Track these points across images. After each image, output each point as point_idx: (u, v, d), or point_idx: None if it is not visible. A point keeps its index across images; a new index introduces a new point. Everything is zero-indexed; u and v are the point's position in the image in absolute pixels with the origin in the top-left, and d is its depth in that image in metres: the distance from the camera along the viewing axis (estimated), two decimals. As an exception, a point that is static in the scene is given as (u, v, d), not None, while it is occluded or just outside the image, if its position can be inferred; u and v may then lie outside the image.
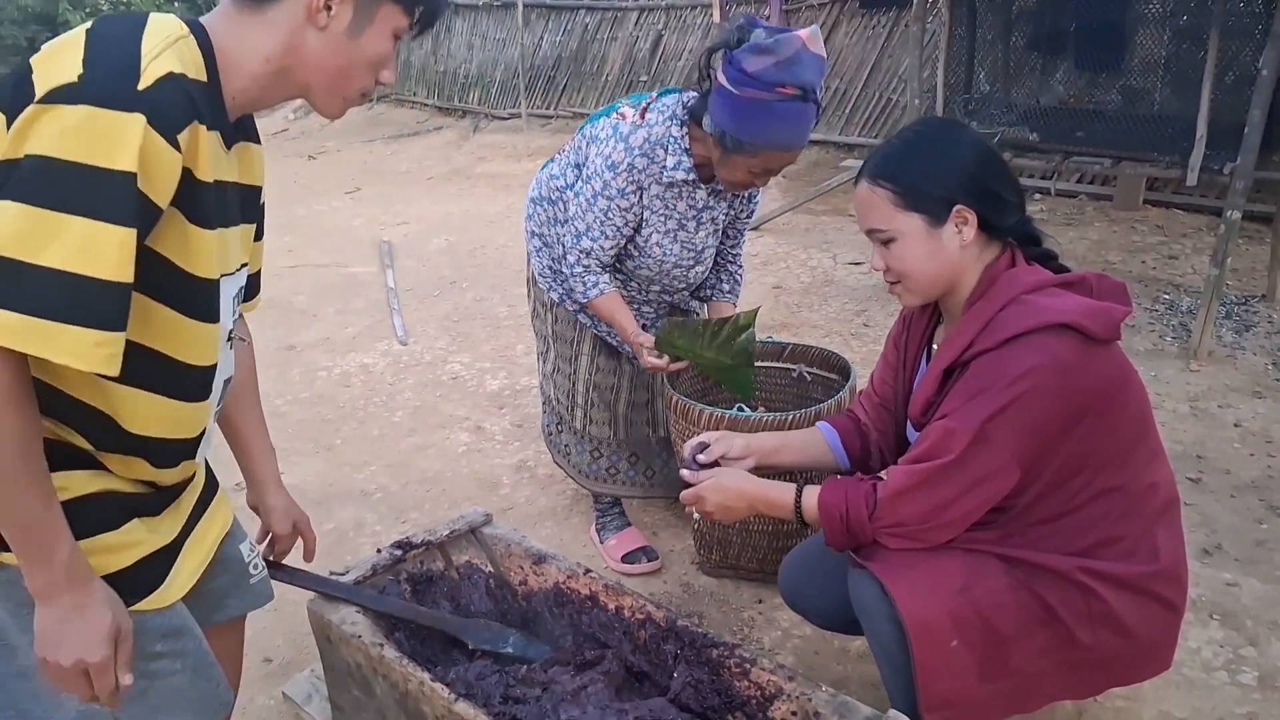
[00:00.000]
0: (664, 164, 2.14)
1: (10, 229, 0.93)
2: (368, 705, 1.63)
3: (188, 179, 1.04)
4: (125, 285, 0.99)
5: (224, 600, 1.42)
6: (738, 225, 2.43)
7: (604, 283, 2.26)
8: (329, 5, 1.11)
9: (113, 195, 0.95)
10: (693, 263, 2.33)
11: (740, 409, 2.43)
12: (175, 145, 1.00)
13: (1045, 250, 1.56)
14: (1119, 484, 1.48)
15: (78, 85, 0.95)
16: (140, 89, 0.97)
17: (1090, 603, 1.46)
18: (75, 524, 1.07)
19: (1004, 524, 1.50)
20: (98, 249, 0.95)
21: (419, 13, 1.18)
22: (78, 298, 0.95)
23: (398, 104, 12.08)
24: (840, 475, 1.75)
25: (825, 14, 7.55)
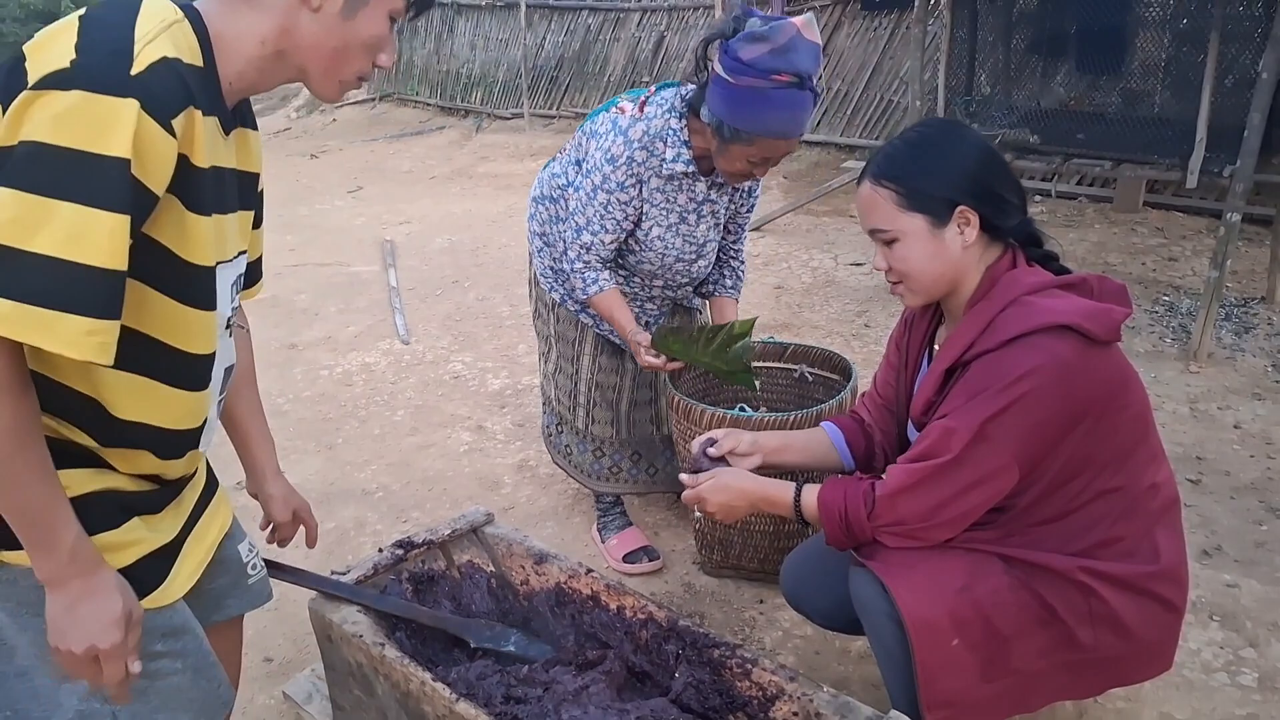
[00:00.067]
0: (663, 156, 2.14)
1: (1, 215, 0.92)
2: (369, 705, 1.63)
3: (184, 165, 1.03)
4: (118, 273, 0.97)
5: (222, 600, 1.41)
6: (739, 220, 2.42)
7: (604, 279, 2.26)
8: None
9: (105, 181, 0.94)
10: (694, 256, 2.33)
11: (742, 409, 2.44)
12: (170, 131, 0.99)
13: (1047, 252, 1.57)
14: (1119, 485, 1.48)
15: (70, 71, 0.94)
16: (133, 74, 0.96)
17: (1091, 603, 1.47)
18: None
19: (1004, 524, 1.51)
20: (88, 235, 0.94)
21: None
22: (68, 285, 0.94)
23: (400, 103, 12.09)
24: (843, 475, 1.76)
25: (827, 15, 7.57)
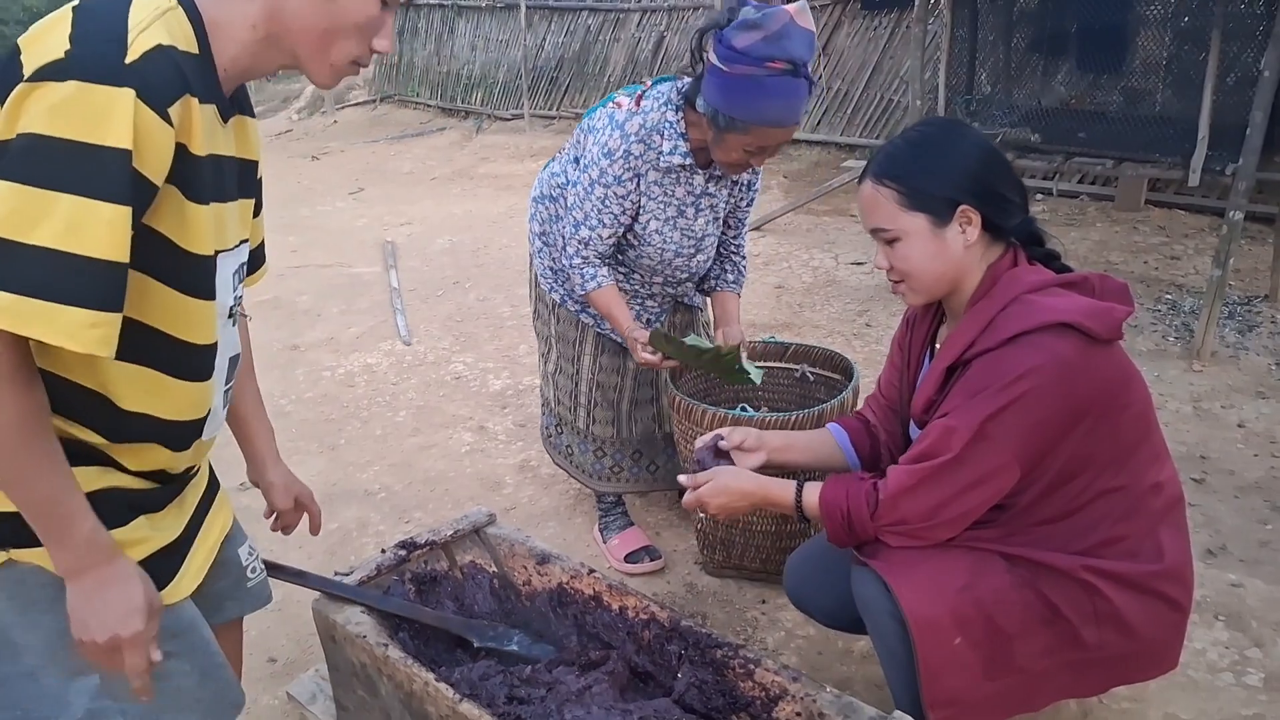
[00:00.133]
0: (660, 149, 2.14)
1: (1, 209, 0.92)
2: (372, 705, 1.63)
3: (182, 154, 1.02)
4: (119, 264, 0.96)
5: (222, 603, 1.41)
6: (739, 214, 2.42)
7: (602, 276, 2.26)
8: None
9: (103, 172, 0.94)
10: (694, 251, 2.33)
11: (743, 409, 2.44)
12: (167, 119, 0.98)
13: (1048, 250, 1.57)
14: (1122, 484, 1.48)
15: (65, 61, 0.93)
16: (128, 62, 0.95)
17: (1095, 601, 1.47)
18: None
19: (1006, 522, 1.50)
20: (88, 227, 0.93)
21: None
22: (69, 277, 0.93)
23: (401, 105, 12.09)
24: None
25: (827, 15, 7.56)
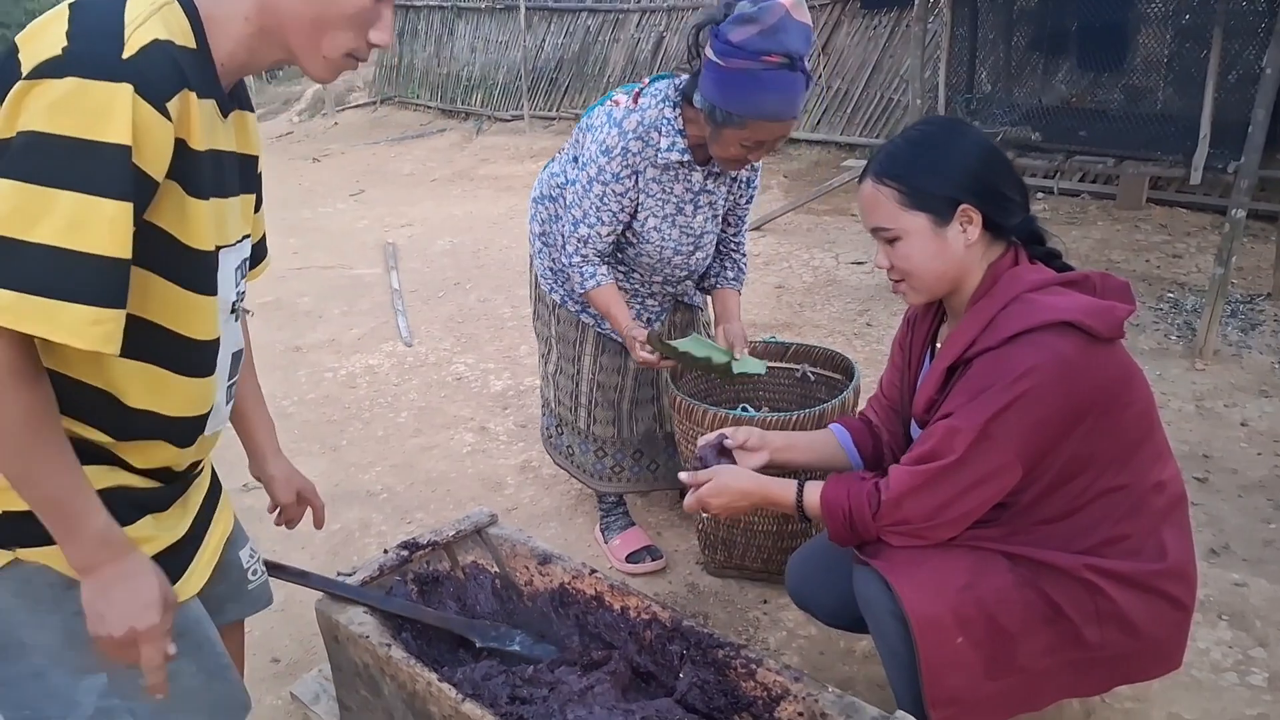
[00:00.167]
0: (658, 146, 2.13)
1: (2, 207, 0.92)
2: (375, 705, 1.63)
3: (181, 149, 1.02)
4: (121, 261, 0.96)
5: (223, 605, 1.41)
6: (738, 212, 2.41)
7: (601, 274, 2.26)
8: None
9: (103, 168, 0.94)
10: (692, 248, 2.32)
11: (744, 409, 2.43)
12: (166, 114, 0.98)
13: (1049, 249, 1.56)
14: (1124, 483, 1.48)
15: (63, 58, 0.93)
16: (125, 57, 0.95)
17: (1097, 600, 1.46)
18: None
19: (1008, 521, 1.50)
20: (89, 224, 0.93)
21: None
22: (71, 274, 0.93)
23: (401, 106, 12.10)
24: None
25: (826, 14, 7.56)
